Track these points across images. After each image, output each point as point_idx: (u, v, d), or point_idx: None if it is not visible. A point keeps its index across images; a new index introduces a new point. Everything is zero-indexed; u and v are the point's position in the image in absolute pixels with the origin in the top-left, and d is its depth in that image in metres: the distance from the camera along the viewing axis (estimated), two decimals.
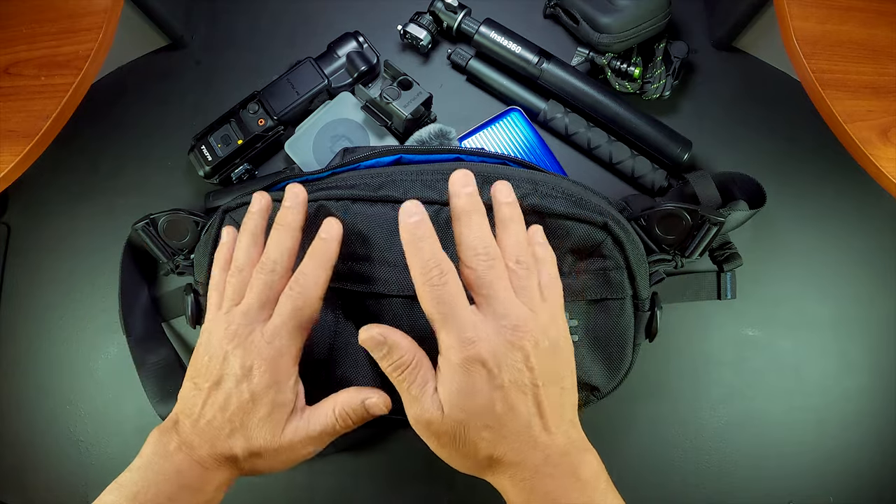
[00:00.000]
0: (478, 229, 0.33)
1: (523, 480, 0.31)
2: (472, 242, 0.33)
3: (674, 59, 0.54)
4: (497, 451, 0.31)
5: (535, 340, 0.32)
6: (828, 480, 0.52)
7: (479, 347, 0.31)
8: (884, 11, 0.46)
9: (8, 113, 0.45)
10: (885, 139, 0.43)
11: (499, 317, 0.31)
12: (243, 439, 0.35)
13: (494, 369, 0.31)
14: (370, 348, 0.34)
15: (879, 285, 0.54)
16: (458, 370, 0.31)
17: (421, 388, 0.32)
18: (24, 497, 0.53)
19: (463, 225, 0.33)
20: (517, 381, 0.31)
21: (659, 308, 0.44)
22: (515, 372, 0.31)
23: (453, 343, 0.31)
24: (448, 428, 0.31)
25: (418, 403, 0.32)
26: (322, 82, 0.54)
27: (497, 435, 0.31)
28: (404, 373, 0.33)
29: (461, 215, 0.33)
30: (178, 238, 0.48)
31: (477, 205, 0.34)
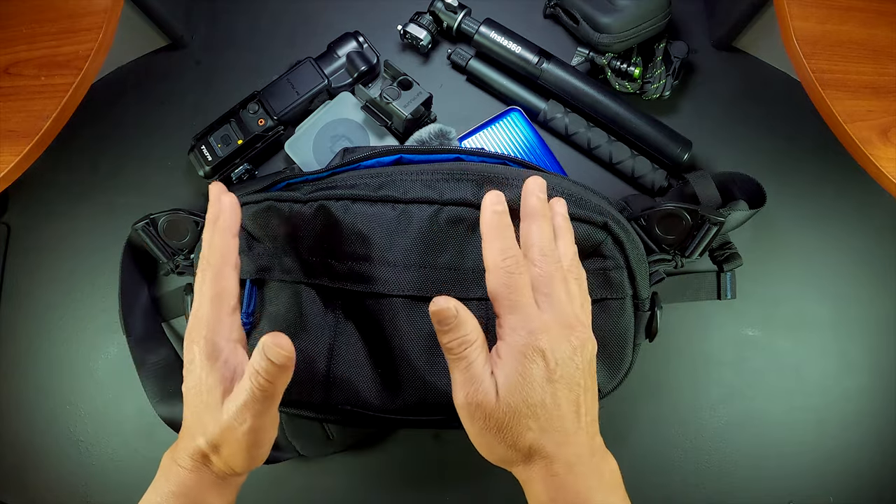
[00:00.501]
0: (545, 231, 0.35)
1: (556, 475, 0.31)
2: (539, 241, 0.34)
3: (674, 59, 0.54)
4: (539, 441, 0.32)
5: (583, 342, 0.33)
6: (828, 480, 0.52)
7: (542, 339, 0.32)
8: (884, 11, 0.46)
9: (8, 113, 0.45)
10: (885, 139, 0.43)
11: (560, 315, 0.33)
12: (201, 431, 0.34)
13: (552, 363, 0.32)
14: (439, 319, 0.33)
15: (879, 285, 0.54)
16: (519, 357, 0.32)
17: (482, 368, 0.33)
18: (24, 497, 0.53)
19: (534, 225, 0.35)
20: (568, 379, 0.32)
21: (659, 308, 0.44)
22: (569, 369, 0.32)
23: (520, 329, 0.32)
24: (500, 412, 0.32)
25: (475, 383, 0.32)
26: (322, 82, 0.54)
27: (543, 426, 0.32)
28: (468, 349, 0.33)
29: (532, 216, 0.35)
30: (178, 238, 0.48)
31: (546, 211, 0.36)
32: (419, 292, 0.42)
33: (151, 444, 0.53)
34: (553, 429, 0.32)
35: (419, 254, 0.42)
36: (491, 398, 0.32)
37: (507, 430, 0.32)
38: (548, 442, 0.32)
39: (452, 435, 0.52)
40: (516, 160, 0.46)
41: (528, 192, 0.36)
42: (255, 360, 0.33)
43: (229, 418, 0.33)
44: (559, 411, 0.32)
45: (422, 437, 0.52)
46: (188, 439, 0.34)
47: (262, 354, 0.32)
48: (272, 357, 0.32)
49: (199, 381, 0.34)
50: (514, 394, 0.31)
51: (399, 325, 0.42)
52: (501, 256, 0.33)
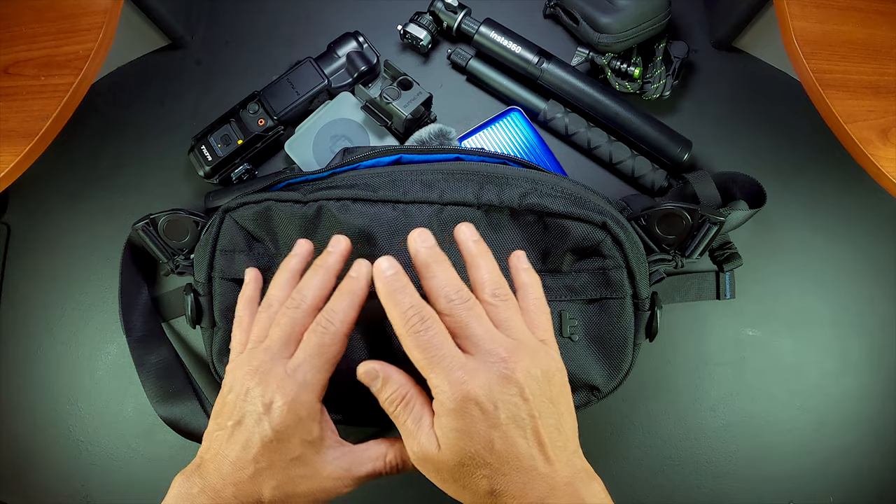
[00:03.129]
0: (444, 276, 0.33)
1: None
2: (442, 289, 0.33)
3: (674, 59, 0.54)
4: (498, 485, 0.30)
5: (525, 370, 0.31)
6: (828, 481, 0.52)
7: (472, 386, 0.30)
8: (884, 11, 0.46)
9: (8, 113, 0.45)
10: (885, 139, 0.43)
11: (486, 353, 0.31)
12: (273, 480, 0.33)
13: (490, 407, 0.30)
14: (366, 382, 0.34)
15: (879, 285, 0.54)
16: (452, 413, 0.31)
17: (416, 423, 0.32)
18: (24, 497, 0.53)
19: (430, 276, 0.34)
20: (514, 416, 0.30)
21: (659, 308, 0.44)
22: (511, 406, 0.30)
23: (444, 386, 0.31)
24: (446, 465, 0.31)
25: (414, 438, 0.32)
26: (322, 82, 0.54)
27: (496, 471, 0.30)
28: (398, 407, 0.33)
29: (425, 268, 0.34)
30: (178, 238, 0.48)
31: (439, 256, 0.34)
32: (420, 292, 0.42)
33: (151, 444, 0.53)
34: (511, 470, 0.30)
35: None
36: (433, 451, 0.31)
37: (461, 480, 0.31)
38: (508, 485, 0.30)
39: None
40: (516, 160, 0.46)
41: (413, 247, 0.35)
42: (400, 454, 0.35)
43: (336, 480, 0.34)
44: (515, 451, 0.30)
45: None
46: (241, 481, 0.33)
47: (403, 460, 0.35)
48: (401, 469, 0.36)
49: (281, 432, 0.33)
50: (454, 448, 0.30)
51: None
52: (402, 320, 0.32)
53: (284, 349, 0.35)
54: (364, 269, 0.36)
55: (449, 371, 0.31)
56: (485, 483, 0.30)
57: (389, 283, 0.33)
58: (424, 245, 0.35)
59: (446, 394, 0.31)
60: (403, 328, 0.32)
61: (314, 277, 0.37)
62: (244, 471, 0.33)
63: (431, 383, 0.32)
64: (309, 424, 0.34)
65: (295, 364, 0.34)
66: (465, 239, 0.36)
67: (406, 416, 0.33)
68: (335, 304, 0.35)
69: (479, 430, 0.30)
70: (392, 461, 0.35)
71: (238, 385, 0.34)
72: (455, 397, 0.30)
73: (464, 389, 0.30)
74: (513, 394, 0.31)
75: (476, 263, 0.35)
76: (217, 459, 0.33)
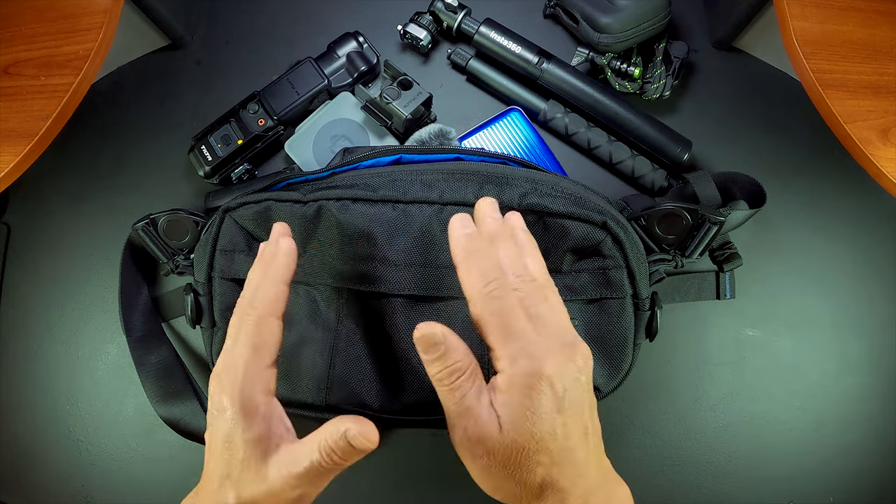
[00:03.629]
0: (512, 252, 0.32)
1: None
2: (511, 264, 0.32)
3: (674, 59, 0.54)
4: (551, 476, 0.28)
5: (584, 360, 0.30)
6: (828, 481, 0.52)
7: (547, 365, 0.29)
8: (884, 11, 0.46)
9: (8, 113, 0.45)
10: (885, 139, 0.43)
11: (554, 334, 0.30)
12: (232, 489, 0.30)
13: (560, 390, 0.29)
14: (424, 347, 0.30)
15: (879, 285, 0.54)
16: (525, 389, 0.28)
17: (477, 399, 0.29)
18: (24, 497, 0.53)
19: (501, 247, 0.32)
20: (576, 402, 0.29)
21: (659, 308, 0.44)
22: (575, 393, 0.29)
23: (521, 359, 0.29)
24: (505, 448, 0.29)
25: (471, 416, 0.29)
26: (322, 82, 0.54)
27: (554, 460, 0.28)
28: (459, 380, 0.30)
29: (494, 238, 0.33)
30: (178, 238, 0.48)
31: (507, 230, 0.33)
32: (420, 291, 0.42)
33: (151, 444, 0.53)
34: (566, 461, 0.29)
35: (420, 253, 0.42)
36: (493, 433, 0.29)
37: (514, 467, 0.29)
38: (560, 475, 0.29)
39: None
40: (516, 160, 0.46)
41: (483, 215, 0.33)
42: (330, 437, 0.30)
43: (279, 482, 0.30)
44: (570, 442, 0.29)
45: (422, 437, 0.52)
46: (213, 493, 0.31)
47: (342, 436, 0.30)
48: (357, 445, 0.30)
49: (230, 434, 0.30)
50: (521, 429, 0.28)
51: (399, 325, 0.42)
52: (483, 282, 0.30)
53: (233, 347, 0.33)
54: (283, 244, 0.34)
55: (527, 344, 0.29)
56: (540, 472, 0.28)
57: (469, 243, 0.32)
58: (491, 217, 0.34)
59: (521, 367, 0.29)
60: (482, 290, 0.30)
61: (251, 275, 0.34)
62: (213, 482, 0.31)
63: (506, 353, 0.29)
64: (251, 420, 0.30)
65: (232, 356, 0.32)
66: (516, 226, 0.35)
67: (466, 390, 0.29)
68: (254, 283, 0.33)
69: (548, 412, 0.28)
70: (325, 446, 0.30)
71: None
72: (530, 372, 0.28)
73: (538, 366, 0.29)
74: (577, 379, 0.29)
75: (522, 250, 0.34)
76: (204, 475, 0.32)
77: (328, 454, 0.30)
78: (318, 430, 0.32)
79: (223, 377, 0.31)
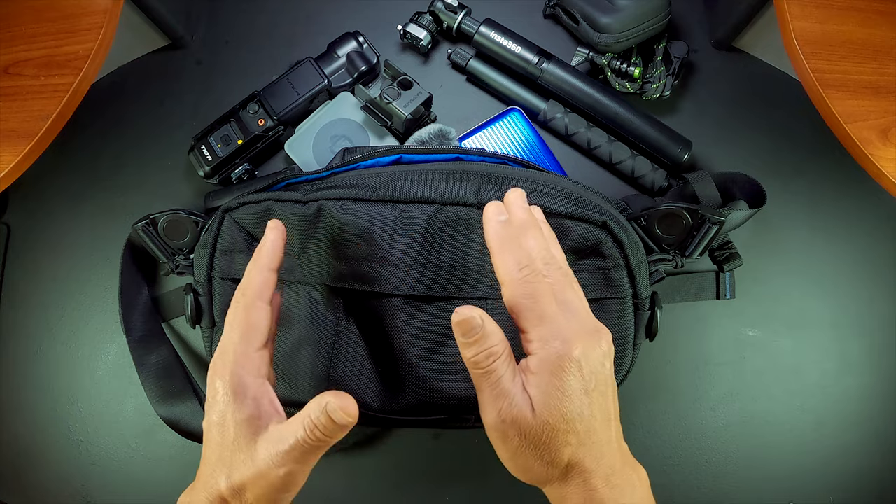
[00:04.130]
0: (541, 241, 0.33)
1: (594, 490, 0.30)
2: (541, 252, 0.33)
3: (674, 59, 0.54)
4: (577, 456, 0.30)
5: (609, 345, 0.31)
6: (828, 481, 0.52)
7: (576, 349, 0.30)
8: (884, 11, 0.46)
9: (8, 113, 0.45)
10: (885, 139, 0.43)
11: (584, 322, 0.31)
12: (224, 473, 0.31)
13: (587, 373, 0.30)
14: (463, 330, 0.31)
15: (879, 285, 0.54)
16: (555, 370, 0.30)
17: (512, 382, 0.30)
18: (24, 497, 0.53)
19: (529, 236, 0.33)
20: (602, 385, 0.31)
21: (659, 307, 0.44)
22: (601, 376, 0.31)
23: (552, 341, 0.30)
24: (537, 428, 0.30)
25: (507, 398, 0.30)
26: (322, 82, 0.54)
27: (581, 440, 0.30)
28: (496, 362, 0.31)
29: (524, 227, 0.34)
30: (178, 238, 0.48)
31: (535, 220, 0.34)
32: (420, 291, 0.42)
33: (151, 444, 0.53)
34: (591, 442, 0.30)
35: (420, 253, 0.42)
36: (527, 414, 0.30)
37: (544, 448, 0.30)
38: (586, 456, 0.30)
39: (452, 435, 0.52)
40: (516, 160, 0.46)
41: (514, 205, 0.35)
42: (313, 413, 0.31)
43: (267, 460, 0.31)
44: (595, 423, 0.30)
45: (422, 437, 0.52)
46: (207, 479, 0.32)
47: (323, 411, 0.31)
48: (336, 419, 0.31)
49: (223, 417, 0.32)
50: (552, 409, 0.29)
51: (399, 325, 0.42)
52: (518, 267, 0.32)
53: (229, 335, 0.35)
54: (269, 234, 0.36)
55: (559, 328, 0.30)
56: (568, 452, 0.30)
57: (503, 230, 0.33)
58: (522, 207, 0.35)
59: (554, 348, 0.30)
60: (517, 275, 0.31)
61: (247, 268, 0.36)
62: (207, 467, 0.32)
63: (538, 335, 0.31)
64: (242, 402, 0.32)
65: (222, 344, 0.33)
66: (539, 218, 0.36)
67: (502, 372, 0.30)
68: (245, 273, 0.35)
69: (577, 393, 0.30)
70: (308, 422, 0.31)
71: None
72: (563, 353, 0.30)
73: (569, 348, 0.30)
74: (603, 363, 0.31)
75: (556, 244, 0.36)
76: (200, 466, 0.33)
77: (311, 430, 0.31)
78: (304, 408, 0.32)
79: (216, 362, 0.33)
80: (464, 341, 0.31)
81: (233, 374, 0.32)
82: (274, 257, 0.36)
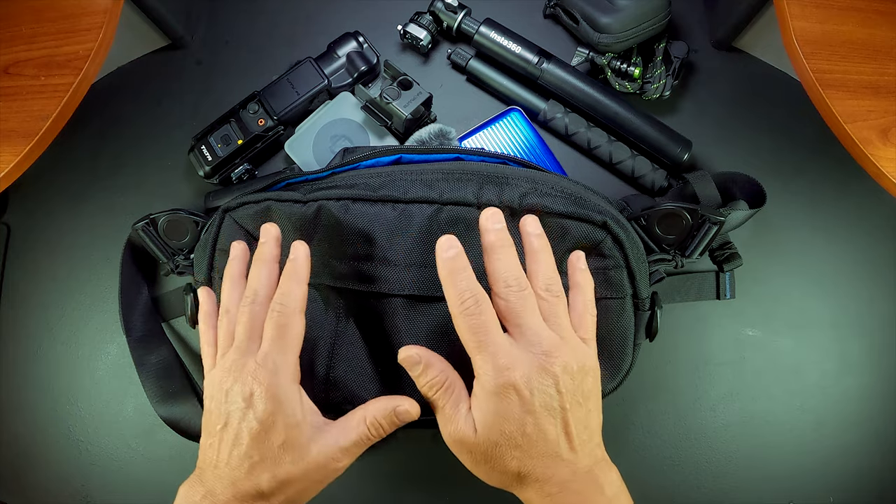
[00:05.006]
0: (507, 261, 0.35)
1: (550, 495, 0.33)
2: (502, 274, 0.34)
3: (674, 59, 0.54)
4: (525, 467, 0.33)
5: (564, 365, 0.33)
6: (828, 480, 0.52)
7: (513, 374, 0.32)
8: (884, 11, 0.46)
9: (8, 113, 0.45)
10: (885, 139, 0.43)
11: (531, 344, 0.33)
12: (268, 472, 0.34)
13: (527, 394, 0.32)
14: (407, 367, 0.35)
15: (879, 285, 0.54)
16: (492, 395, 0.33)
17: (454, 408, 0.34)
18: (24, 497, 0.53)
19: (494, 258, 0.35)
20: (547, 405, 0.33)
21: (659, 307, 0.44)
22: (546, 396, 0.33)
23: (489, 369, 0.33)
24: (481, 447, 0.33)
25: (452, 422, 0.34)
26: (322, 82, 0.54)
27: (526, 454, 0.33)
28: (438, 392, 0.35)
29: (492, 249, 0.35)
30: (178, 238, 0.48)
31: (507, 240, 0.35)
32: (420, 291, 0.42)
33: (151, 444, 0.53)
34: (538, 454, 0.33)
35: (420, 253, 0.42)
36: (470, 434, 0.33)
37: (492, 461, 0.33)
38: (535, 467, 0.33)
39: None
40: (516, 160, 0.46)
41: (483, 229, 0.36)
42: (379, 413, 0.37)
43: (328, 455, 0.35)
44: (544, 437, 0.32)
45: (422, 437, 0.52)
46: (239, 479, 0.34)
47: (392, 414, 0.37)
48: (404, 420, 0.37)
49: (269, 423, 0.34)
50: (491, 430, 0.33)
51: (399, 325, 0.42)
52: (458, 300, 0.33)
53: (251, 343, 0.37)
54: (301, 249, 0.39)
55: (495, 356, 0.33)
56: (514, 464, 0.33)
57: (449, 264, 0.34)
58: (496, 227, 0.36)
59: (489, 376, 0.33)
60: (458, 308, 0.33)
61: (259, 270, 0.39)
62: (240, 469, 0.34)
63: (476, 364, 0.33)
64: (289, 407, 0.35)
65: (263, 353, 0.36)
66: (530, 232, 0.37)
67: (446, 400, 0.34)
68: (283, 287, 0.37)
69: (515, 413, 0.32)
70: (373, 421, 0.37)
71: (216, 390, 0.36)
72: (498, 381, 0.32)
73: (506, 375, 0.32)
74: (549, 385, 0.33)
75: (536, 258, 0.36)
76: (213, 464, 0.35)
77: (376, 428, 0.37)
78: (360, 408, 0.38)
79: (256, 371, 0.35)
80: (411, 374, 0.36)
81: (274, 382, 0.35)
82: (308, 270, 0.38)
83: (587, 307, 0.37)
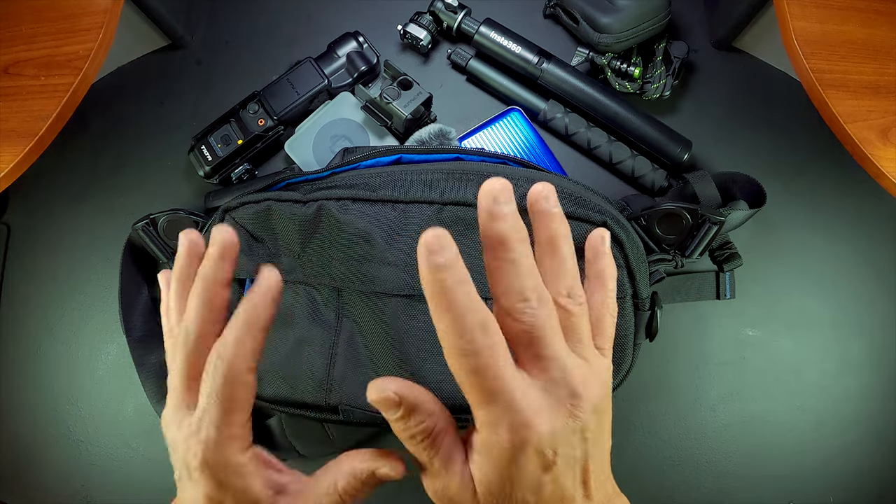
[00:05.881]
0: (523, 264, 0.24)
1: None
2: (516, 283, 0.24)
3: (674, 59, 0.54)
4: None
5: (593, 405, 0.25)
6: (828, 480, 0.52)
7: (535, 433, 0.23)
8: (884, 11, 0.46)
9: (8, 113, 0.45)
10: (885, 139, 0.43)
11: (555, 384, 0.24)
12: None
13: (549, 455, 0.24)
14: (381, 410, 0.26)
15: (879, 285, 0.54)
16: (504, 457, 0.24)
17: (445, 464, 0.26)
18: (24, 497, 0.53)
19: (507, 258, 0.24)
20: (569, 458, 0.25)
21: (659, 307, 0.44)
22: (570, 449, 0.25)
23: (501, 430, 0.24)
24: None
25: (441, 479, 0.26)
26: (322, 82, 0.54)
27: None
28: (422, 444, 0.26)
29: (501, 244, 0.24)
30: (177, 238, 0.48)
31: (521, 230, 0.24)
32: (420, 292, 0.42)
33: (151, 444, 0.53)
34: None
35: None
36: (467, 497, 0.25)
37: None
38: None
39: None
40: (516, 160, 0.46)
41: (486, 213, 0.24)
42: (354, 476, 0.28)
43: None
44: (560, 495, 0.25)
45: None
46: None
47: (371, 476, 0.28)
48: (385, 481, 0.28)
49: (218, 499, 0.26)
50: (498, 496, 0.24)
51: (399, 325, 0.42)
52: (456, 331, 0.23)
53: (186, 394, 0.28)
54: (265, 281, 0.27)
55: (509, 410, 0.23)
56: None
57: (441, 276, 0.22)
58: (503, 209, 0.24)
59: (502, 438, 0.24)
60: (456, 341, 0.23)
61: (193, 298, 0.28)
62: None
63: (480, 417, 0.24)
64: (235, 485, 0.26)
65: (197, 419, 0.26)
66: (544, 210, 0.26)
67: (432, 454, 0.26)
68: (228, 334, 0.26)
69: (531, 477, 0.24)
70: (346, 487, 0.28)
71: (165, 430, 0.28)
72: (513, 443, 0.24)
73: (524, 435, 0.23)
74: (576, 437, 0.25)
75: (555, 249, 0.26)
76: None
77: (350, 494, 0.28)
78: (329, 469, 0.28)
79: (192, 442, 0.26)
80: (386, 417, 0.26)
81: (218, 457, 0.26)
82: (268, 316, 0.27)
83: (609, 306, 0.28)
